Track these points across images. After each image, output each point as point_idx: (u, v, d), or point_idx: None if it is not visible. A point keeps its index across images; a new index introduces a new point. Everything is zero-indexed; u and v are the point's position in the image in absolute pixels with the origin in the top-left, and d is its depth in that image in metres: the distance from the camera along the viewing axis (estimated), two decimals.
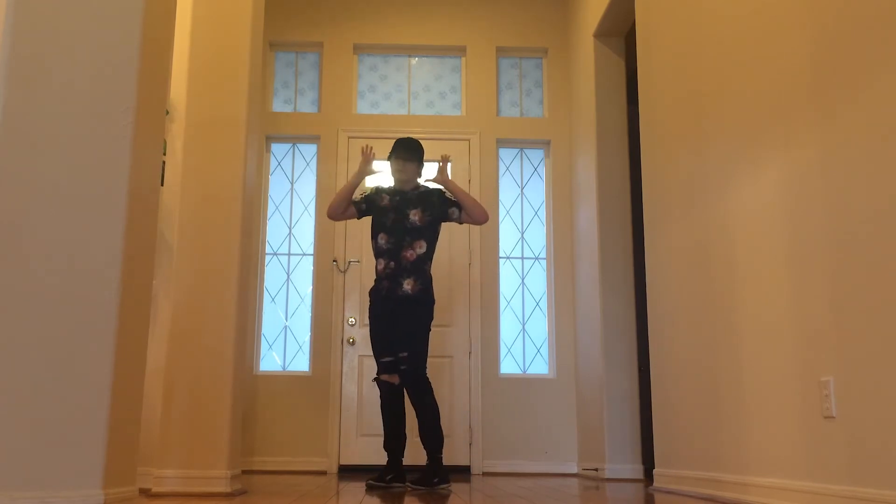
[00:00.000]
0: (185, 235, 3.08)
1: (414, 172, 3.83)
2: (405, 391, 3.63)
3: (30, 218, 1.85)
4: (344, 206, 3.83)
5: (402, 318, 3.64)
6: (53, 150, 1.89)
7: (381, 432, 4.89)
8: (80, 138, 1.91)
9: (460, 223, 3.88)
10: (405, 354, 3.58)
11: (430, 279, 3.71)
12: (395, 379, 3.63)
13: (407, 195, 3.80)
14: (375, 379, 3.69)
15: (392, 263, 3.68)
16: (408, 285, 3.65)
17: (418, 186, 3.86)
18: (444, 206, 3.79)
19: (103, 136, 1.92)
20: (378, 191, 3.90)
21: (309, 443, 4.89)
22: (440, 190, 3.84)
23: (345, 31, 5.48)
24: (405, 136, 4.03)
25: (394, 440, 3.67)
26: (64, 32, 1.94)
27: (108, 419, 1.82)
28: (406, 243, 3.69)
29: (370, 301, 3.78)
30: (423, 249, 3.70)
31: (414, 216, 3.72)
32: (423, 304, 3.66)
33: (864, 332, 2.06)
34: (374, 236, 3.79)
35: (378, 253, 3.75)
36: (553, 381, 5.09)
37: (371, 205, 3.86)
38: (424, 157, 3.92)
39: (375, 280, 3.77)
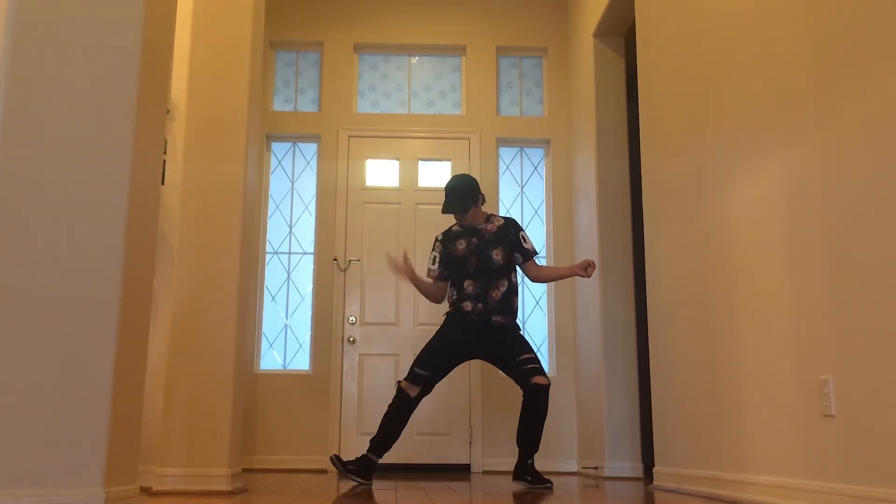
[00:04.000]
0: (186, 234, 3.08)
1: (475, 213, 3.68)
2: (530, 394, 3.55)
3: (31, 217, 1.85)
4: (428, 290, 3.75)
5: (500, 340, 3.62)
6: (54, 149, 1.88)
7: None
8: (80, 138, 1.90)
9: (518, 265, 3.75)
10: (528, 356, 3.57)
11: (516, 312, 3.70)
12: (414, 391, 3.59)
13: (484, 235, 3.67)
14: (400, 382, 3.66)
15: (480, 305, 3.62)
16: (497, 318, 3.63)
17: (490, 218, 3.74)
18: (516, 246, 3.69)
19: (104, 135, 1.91)
20: (449, 238, 3.74)
21: (309, 441, 4.90)
22: (516, 225, 3.73)
23: (345, 31, 5.49)
24: (455, 177, 3.71)
25: (387, 443, 3.62)
26: (64, 32, 1.94)
27: (110, 417, 1.81)
28: (493, 284, 3.64)
29: (448, 322, 3.68)
30: (506, 287, 3.65)
31: (497, 256, 3.63)
32: (515, 329, 3.66)
33: (863, 331, 2.06)
34: (457, 284, 3.67)
35: (464, 297, 3.64)
36: (553, 380, 5.10)
37: (448, 262, 3.72)
38: (472, 191, 3.66)
39: (459, 309, 3.66)
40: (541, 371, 3.57)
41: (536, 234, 5.39)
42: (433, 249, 3.78)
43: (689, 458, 3.19)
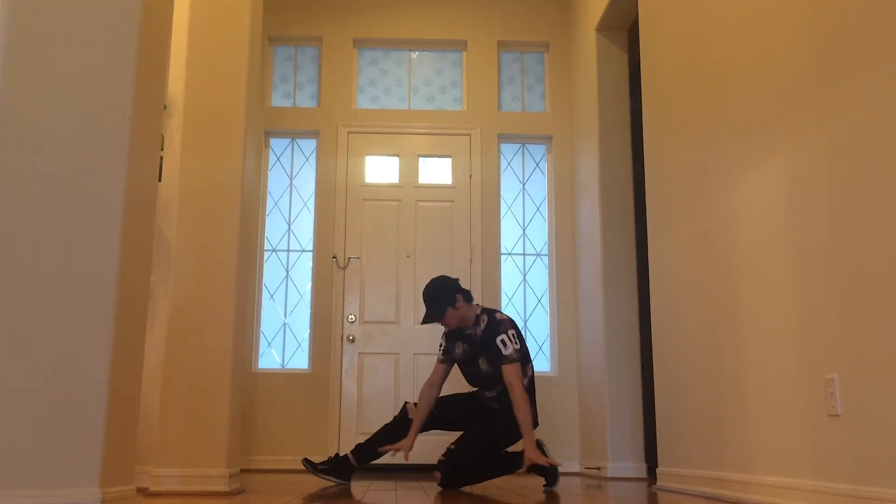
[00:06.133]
0: (183, 231, 3.05)
1: (453, 316, 3.47)
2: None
3: (26, 214, 1.85)
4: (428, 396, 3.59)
5: (477, 413, 3.55)
6: (50, 145, 1.89)
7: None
8: (77, 134, 1.90)
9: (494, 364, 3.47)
10: (452, 446, 3.43)
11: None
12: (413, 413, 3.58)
13: (474, 343, 3.49)
14: (407, 403, 3.65)
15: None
16: (492, 402, 3.54)
17: (478, 319, 3.49)
18: (494, 354, 3.41)
19: (101, 131, 1.92)
20: (450, 338, 3.61)
21: (308, 441, 4.87)
22: (496, 327, 3.41)
23: (345, 26, 5.45)
24: (428, 283, 3.55)
25: (372, 455, 3.58)
26: (61, 27, 1.93)
27: (106, 417, 1.82)
28: (486, 387, 3.54)
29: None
30: (496, 392, 3.50)
31: (483, 365, 3.48)
32: (503, 417, 3.45)
33: (869, 329, 2.03)
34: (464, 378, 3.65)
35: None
36: (555, 379, 5.07)
37: (452, 356, 3.61)
38: (443, 294, 3.45)
39: None
40: (441, 466, 3.38)
41: (538, 231, 5.36)
42: (441, 335, 3.67)
43: (693, 459, 3.17)
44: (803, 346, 2.36)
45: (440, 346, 3.66)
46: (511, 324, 3.45)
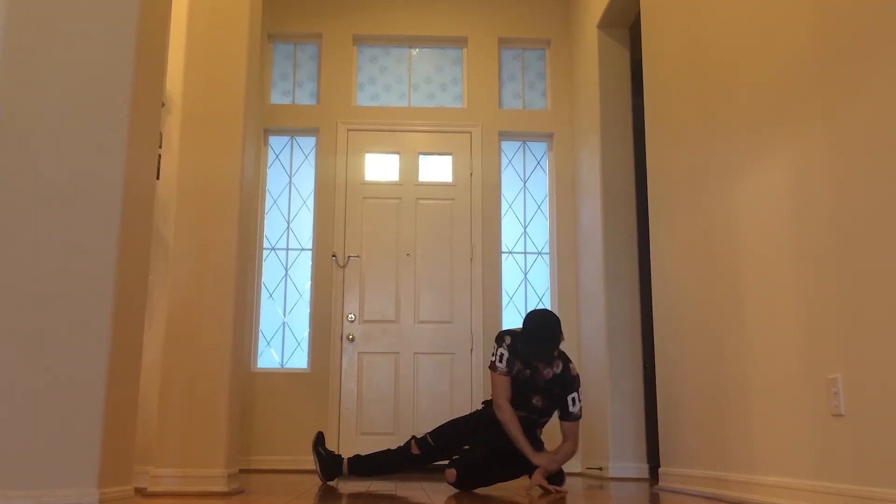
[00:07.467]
0: (182, 230, 3.04)
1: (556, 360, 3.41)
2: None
3: (24, 213, 1.85)
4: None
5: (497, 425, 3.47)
6: (48, 143, 1.89)
7: (381, 431, 4.86)
8: (74, 132, 1.90)
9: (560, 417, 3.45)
10: (466, 446, 3.44)
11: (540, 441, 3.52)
12: (416, 450, 3.51)
13: (538, 379, 3.40)
14: (414, 437, 3.57)
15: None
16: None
17: (552, 362, 3.40)
18: (560, 405, 3.41)
19: (99, 129, 1.92)
20: (514, 349, 3.41)
21: (308, 441, 4.86)
22: (570, 383, 3.38)
23: (344, 22, 5.43)
24: (545, 316, 3.35)
25: (367, 471, 3.53)
26: (59, 24, 1.93)
27: (104, 418, 1.82)
28: (520, 410, 3.44)
29: (485, 414, 3.55)
30: (524, 414, 3.43)
31: (536, 401, 3.43)
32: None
33: (873, 328, 2.02)
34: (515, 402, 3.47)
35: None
36: None
37: (511, 372, 3.45)
38: (560, 334, 3.35)
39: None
40: (455, 464, 3.35)
41: (539, 230, 5.34)
42: (499, 346, 3.44)
43: (695, 459, 3.15)
44: (806, 345, 2.35)
45: (500, 355, 3.43)
46: (580, 381, 3.48)
